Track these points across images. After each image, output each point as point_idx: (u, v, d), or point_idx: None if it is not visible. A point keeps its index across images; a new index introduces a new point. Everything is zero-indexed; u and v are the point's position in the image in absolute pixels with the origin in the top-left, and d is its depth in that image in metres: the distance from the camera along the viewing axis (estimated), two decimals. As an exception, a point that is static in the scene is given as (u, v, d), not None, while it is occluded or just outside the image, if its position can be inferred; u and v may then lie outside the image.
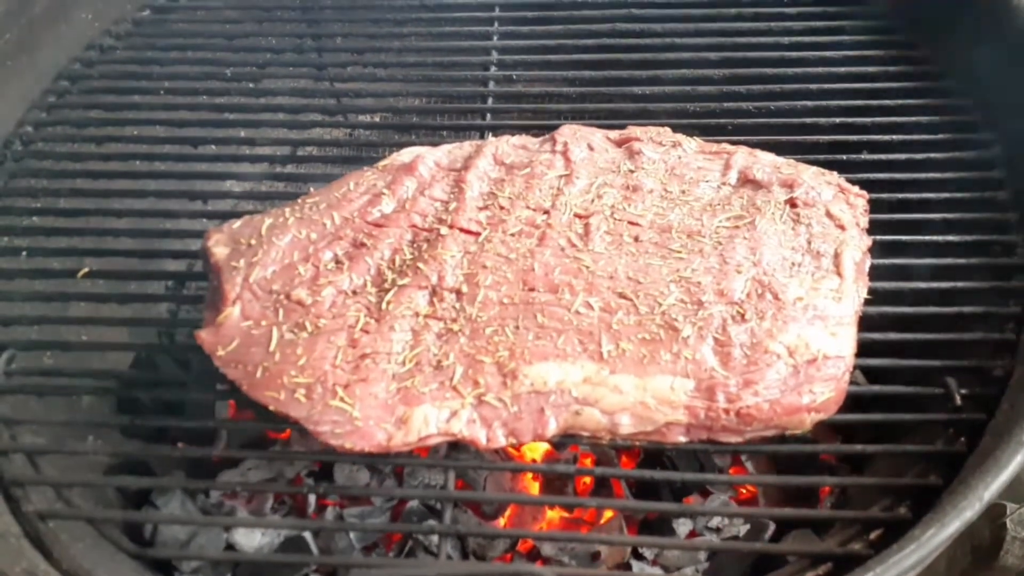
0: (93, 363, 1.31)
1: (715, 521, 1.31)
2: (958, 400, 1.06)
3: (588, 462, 1.36)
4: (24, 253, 1.27)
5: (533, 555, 1.29)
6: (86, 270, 1.24)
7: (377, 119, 1.66)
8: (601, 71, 1.49)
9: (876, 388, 1.14)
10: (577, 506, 1.32)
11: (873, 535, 0.98)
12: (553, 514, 1.34)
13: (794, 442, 1.04)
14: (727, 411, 0.98)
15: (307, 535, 1.27)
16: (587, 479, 1.36)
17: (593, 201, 1.18)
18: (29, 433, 1.13)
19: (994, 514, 1.37)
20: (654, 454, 1.35)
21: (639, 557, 1.28)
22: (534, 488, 1.37)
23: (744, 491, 1.37)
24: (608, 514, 1.32)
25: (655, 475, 1.16)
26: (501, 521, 1.34)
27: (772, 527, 1.27)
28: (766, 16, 1.54)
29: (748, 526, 1.31)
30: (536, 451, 1.37)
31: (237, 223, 1.18)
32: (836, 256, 1.11)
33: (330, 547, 1.28)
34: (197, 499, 1.31)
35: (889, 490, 1.04)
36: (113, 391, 1.24)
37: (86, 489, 1.14)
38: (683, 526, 1.32)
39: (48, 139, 1.40)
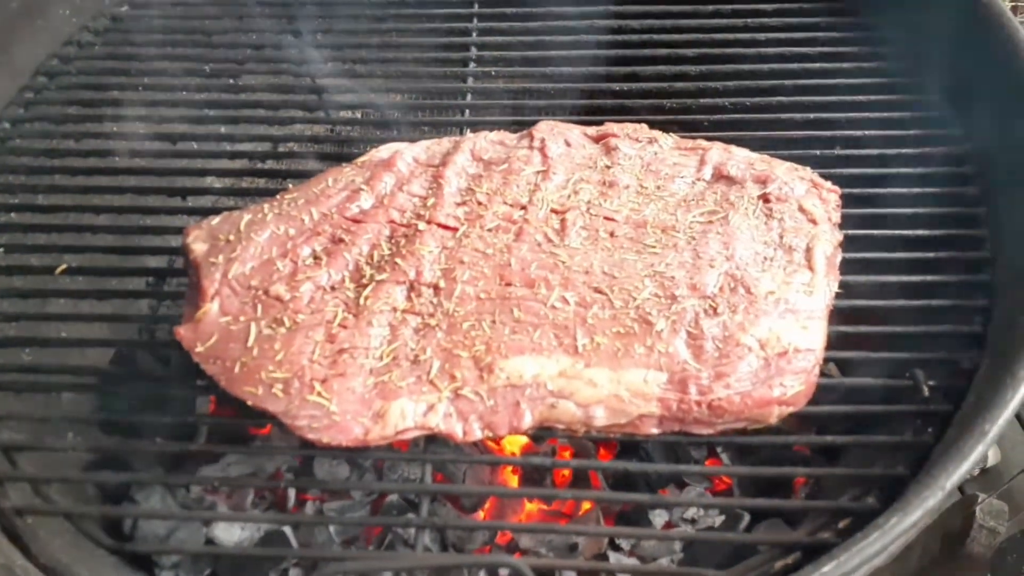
0: (72, 359, 1.30)
1: (691, 512, 1.33)
2: (926, 392, 1.08)
3: (568, 455, 1.38)
4: (1, 250, 1.27)
5: (512, 547, 1.31)
6: (64, 267, 1.24)
7: (358, 115, 1.67)
8: (579, 67, 1.50)
9: (847, 381, 1.16)
10: (554, 498, 1.34)
11: (842, 524, 0.99)
12: (532, 506, 1.36)
13: (767, 434, 1.05)
14: (699, 403, 0.99)
15: (287, 529, 1.28)
16: (565, 472, 1.37)
17: (570, 197, 1.19)
18: (7, 429, 1.13)
19: (967, 504, 1.39)
20: (631, 446, 1.36)
21: (616, 548, 1.29)
22: (513, 481, 1.38)
23: (720, 482, 1.39)
24: (586, 506, 1.33)
25: (631, 467, 1.17)
26: (481, 514, 1.35)
27: (747, 518, 1.29)
28: (743, 13, 1.55)
29: (723, 517, 1.33)
30: (515, 445, 1.38)
31: (216, 219, 1.18)
32: (808, 250, 1.12)
33: (310, 541, 1.29)
34: (177, 494, 1.31)
35: (859, 480, 1.06)
36: (92, 387, 1.24)
37: (65, 485, 1.15)
38: (659, 517, 1.33)
39: (26, 135, 1.40)
